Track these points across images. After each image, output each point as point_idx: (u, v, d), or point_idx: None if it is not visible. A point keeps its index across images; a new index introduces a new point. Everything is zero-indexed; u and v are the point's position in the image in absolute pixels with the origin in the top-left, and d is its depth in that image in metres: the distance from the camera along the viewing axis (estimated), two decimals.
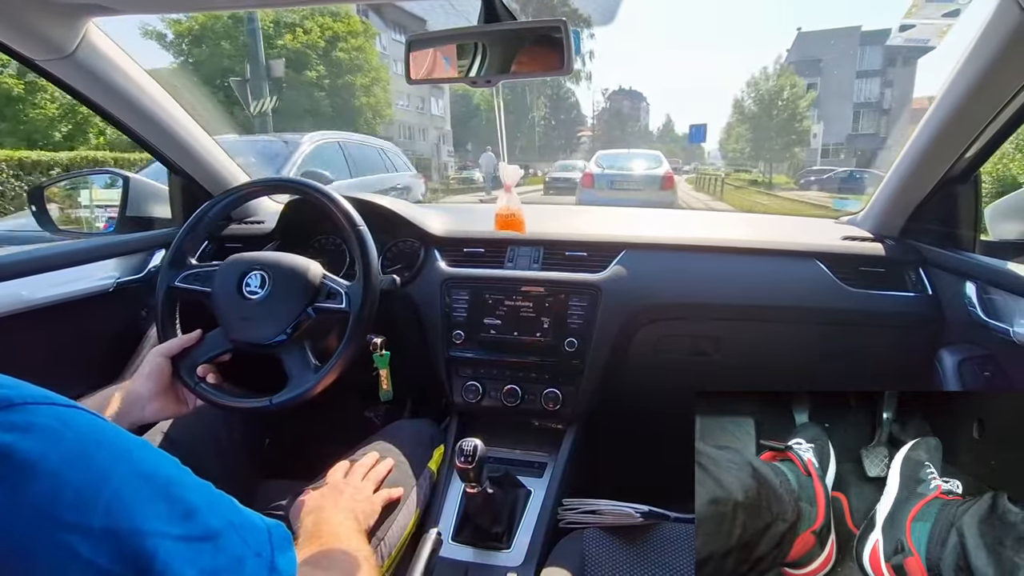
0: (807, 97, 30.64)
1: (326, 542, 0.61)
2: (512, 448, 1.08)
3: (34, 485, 0.27)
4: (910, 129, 0.97)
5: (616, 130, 61.41)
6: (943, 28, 1.73)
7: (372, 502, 0.79)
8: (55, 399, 0.32)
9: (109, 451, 0.32)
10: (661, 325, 1.08)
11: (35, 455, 0.28)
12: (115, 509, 0.30)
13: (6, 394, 0.29)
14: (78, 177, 1.27)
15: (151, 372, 0.82)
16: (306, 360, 0.86)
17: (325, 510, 0.70)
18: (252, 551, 0.36)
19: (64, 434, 0.30)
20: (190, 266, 0.95)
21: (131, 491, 0.31)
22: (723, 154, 42.20)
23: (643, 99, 78.89)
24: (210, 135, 1.20)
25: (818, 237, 1.13)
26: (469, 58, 0.77)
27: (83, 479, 0.29)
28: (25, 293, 0.97)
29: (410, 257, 1.16)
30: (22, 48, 0.85)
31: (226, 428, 0.93)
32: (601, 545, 0.76)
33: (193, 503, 0.34)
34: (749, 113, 32.58)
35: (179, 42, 14.87)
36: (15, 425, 0.28)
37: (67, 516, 0.28)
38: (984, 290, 0.89)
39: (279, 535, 0.40)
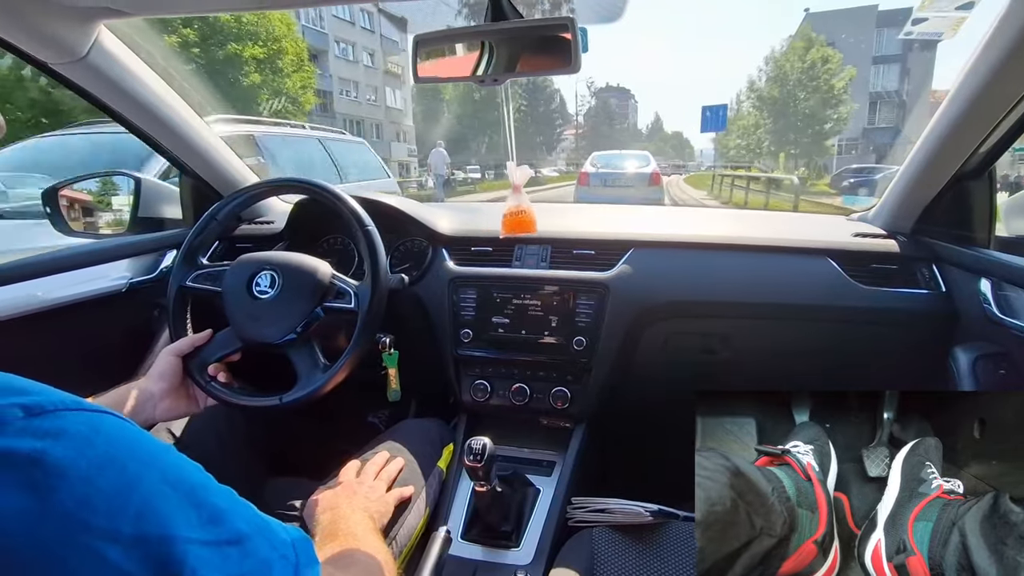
0: (844, 74, 24.56)
1: (344, 542, 0.61)
2: (521, 447, 1.08)
3: (65, 491, 0.28)
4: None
5: (604, 126, 58.88)
6: (957, 21, 1.70)
7: (385, 501, 0.79)
8: (85, 405, 0.32)
9: (138, 457, 0.32)
10: (670, 323, 1.08)
11: (67, 461, 0.28)
12: (145, 515, 0.30)
13: (37, 400, 0.30)
14: (91, 178, 1.28)
15: (163, 371, 0.83)
16: (315, 359, 0.87)
17: (340, 509, 0.70)
18: (278, 554, 0.37)
19: (95, 440, 0.30)
20: (201, 266, 0.96)
21: (160, 497, 0.31)
22: (719, 152, 37.30)
23: (631, 96, 77.04)
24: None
25: (829, 234, 1.12)
26: (476, 57, 0.77)
27: (113, 485, 0.29)
28: (40, 294, 0.99)
29: (418, 256, 1.16)
30: (35, 52, 0.86)
31: (233, 426, 0.94)
32: (610, 544, 0.76)
33: (220, 508, 0.34)
34: (768, 98, 26.79)
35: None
36: (47, 432, 0.28)
37: (97, 522, 0.28)
38: (999, 287, 0.87)
39: (300, 540, 0.40)
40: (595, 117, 58.61)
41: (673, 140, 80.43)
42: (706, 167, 34.89)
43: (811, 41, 25.47)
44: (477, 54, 0.77)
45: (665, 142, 76.22)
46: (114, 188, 1.28)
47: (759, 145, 28.58)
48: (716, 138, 39.44)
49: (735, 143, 31.75)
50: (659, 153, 59.48)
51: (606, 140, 53.06)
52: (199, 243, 0.97)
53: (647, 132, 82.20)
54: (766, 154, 28.34)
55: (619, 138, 61.30)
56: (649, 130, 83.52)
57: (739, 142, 30.86)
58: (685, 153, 66.75)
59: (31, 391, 0.30)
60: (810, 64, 24.67)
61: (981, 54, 0.76)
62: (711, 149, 45.12)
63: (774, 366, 1.09)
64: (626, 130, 69.94)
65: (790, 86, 25.49)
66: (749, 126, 29.07)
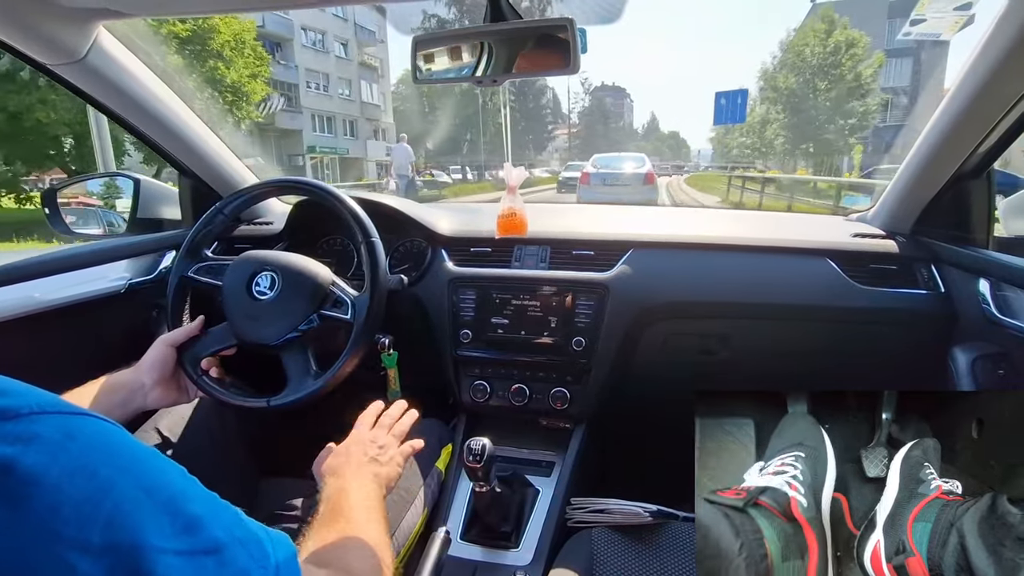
0: (873, 60, 20.93)
1: (343, 528, 0.59)
2: (520, 447, 1.08)
3: (35, 500, 0.27)
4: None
5: (599, 125, 56.27)
6: (955, 22, 1.71)
7: (397, 463, 0.77)
8: (64, 407, 0.31)
9: (113, 463, 0.31)
10: (669, 324, 1.08)
11: (39, 468, 0.27)
12: (115, 524, 0.29)
13: (12, 404, 0.29)
14: (90, 179, 1.28)
15: (155, 360, 0.83)
16: (307, 365, 0.87)
17: (347, 478, 0.68)
18: (257, 564, 0.36)
19: (68, 446, 0.29)
20: (204, 258, 0.96)
21: (133, 504, 0.30)
22: (719, 152, 34.42)
23: (626, 95, 74.46)
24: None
25: (828, 234, 1.12)
26: (475, 57, 0.77)
27: (84, 493, 0.29)
28: (38, 295, 0.99)
29: (417, 257, 1.16)
30: (35, 53, 0.86)
31: (227, 425, 0.94)
32: (609, 544, 0.76)
33: (197, 515, 0.34)
34: (784, 88, 23.06)
35: None
36: (19, 437, 0.28)
37: (67, 531, 0.27)
38: (998, 287, 0.87)
39: (282, 545, 0.39)
40: (590, 116, 56.90)
41: (670, 140, 79.06)
42: (703, 168, 33.55)
43: (833, 23, 21.83)
44: (476, 55, 0.77)
45: (662, 142, 74.72)
46: (115, 190, 1.28)
47: (769, 144, 25.39)
48: (715, 137, 38.12)
49: (738, 141, 29.04)
50: (656, 153, 58.43)
51: (601, 139, 51.26)
52: (204, 236, 0.97)
53: (643, 132, 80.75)
54: (780, 152, 25.36)
55: (614, 137, 59.30)
56: (645, 129, 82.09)
57: (743, 140, 27.96)
58: (682, 153, 65.35)
59: (9, 392, 0.29)
60: (832, 48, 21.24)
61: (980, 53, 0.76)
62: (709, 149, 43.86)
63: (773, 366, 1.09)
64: (622, 129, 67.80)
65: (808, 74, 21.98)
66: (755, 123, 26.24)
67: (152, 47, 1.07)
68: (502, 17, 0.72)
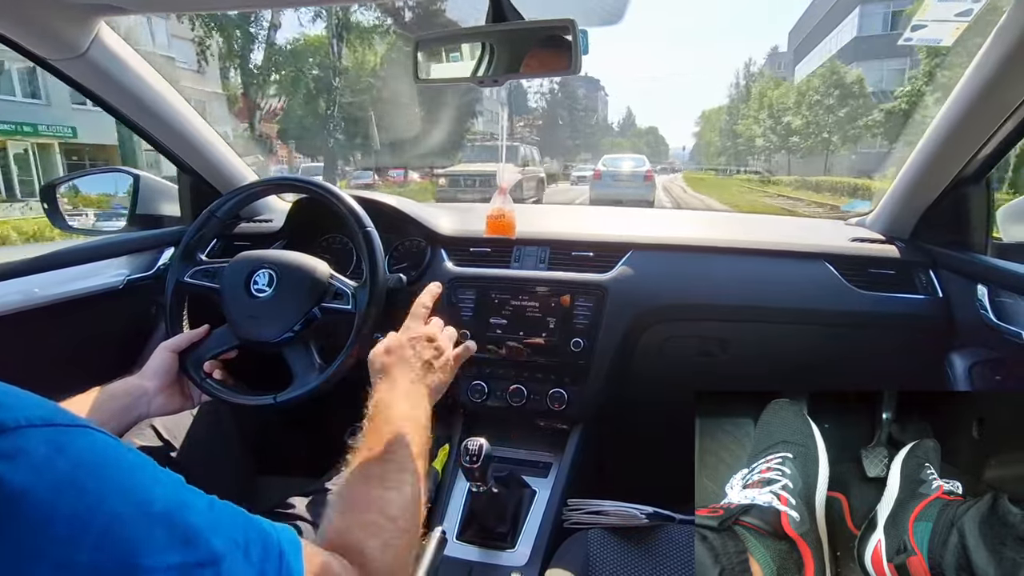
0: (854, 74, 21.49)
1: (373, 447, 0.59)
2: (517, 448, 1.08)
3: (21, 519, 0.26)
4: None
5: (563, 111, 52.04)
6: (956, 28, 1.71)
7: (450, 367, 0.78)
8: (56, 419, 0.30)
9: (104, 477, 0.30)
10: (668, 326, 1.08)
11: (25, 485, 0.26)
12: (105, 542, 0.28)
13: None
14: (89, 175, 1.28)
15: (158, 367, 0.83)
16: (311, 359, 0.87)
17: (399, 388, 0.68)
18: (257, 570, 0.35)
19: (56, 461, 0.28)
20: (200, 262, 0.96)
21: (124, 520, 0.29)
22: (698, 149, 35.85)
23: (600, 87, 71.31)
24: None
25: (827, 238, 1.12)
26: (476, 58, 0.77)
27: (72, 510, 0.28)
28: (37, 290, 0.99)
29: (417, 256, 1.16)
30: (36, 48, 0.86)
31: (225, 425, 0.94)
32: (606, 546, 0.76)
33: (195, 526, 0.33)
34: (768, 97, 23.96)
35: None
36: (4, 453, 0.27)
37: (53, 551, 0.26)
38: (995, 293, 0.88)
39: (288, 541, 0.39)
40: (558, 106, 52.80)
41: (648, 136, 75.11)
42: (679, 166, 32.82)
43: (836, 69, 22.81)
44: (478, 55, 0.77)
45: (639, 138, 71.32)
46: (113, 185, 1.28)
47: (759, 144, 25.12)
48: (698, 132, 37.15)
49: (716, 140, 28.51)
50: (634, 150, 57.52)
51: (567, 132, 47.78)
52: (198, 240, 0.97)
53: (619, 127, 76.73)
54: (776, 150, 25.05)
55: (582, 130, 54.65)
56: (621, 125, 78.39)
57: (724, 143, 27.36)
58: (660, 150, 62.79)
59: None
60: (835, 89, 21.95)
61: (980, 60, 0.77)
62: (683, 150, 42.45)
63: (771, 369, 1.10)
64: (594, 124, 62.07)
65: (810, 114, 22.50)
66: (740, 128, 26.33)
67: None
68: (503, 17, 0.72)
